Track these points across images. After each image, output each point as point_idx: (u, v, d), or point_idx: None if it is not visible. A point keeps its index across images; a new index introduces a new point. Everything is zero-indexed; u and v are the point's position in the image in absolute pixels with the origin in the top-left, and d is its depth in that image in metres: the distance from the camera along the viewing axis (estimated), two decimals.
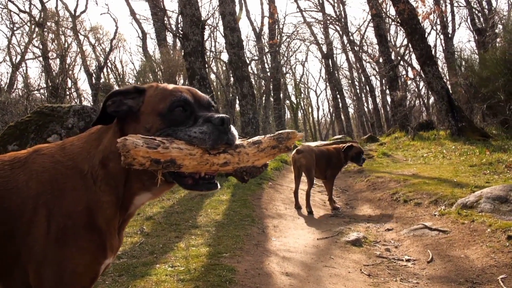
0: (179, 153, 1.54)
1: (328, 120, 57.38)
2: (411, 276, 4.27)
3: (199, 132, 1.60)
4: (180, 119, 1.68)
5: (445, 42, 28.34)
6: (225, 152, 1.63)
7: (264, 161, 1.79)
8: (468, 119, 14.65)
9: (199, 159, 1.57)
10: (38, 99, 24.16)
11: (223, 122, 1.61)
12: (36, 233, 1.62)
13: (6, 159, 1.78)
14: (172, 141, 1.57)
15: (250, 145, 1.73)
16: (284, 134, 1.81)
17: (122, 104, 1.76)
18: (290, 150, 1.84)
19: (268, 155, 1.77)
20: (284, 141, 1.80)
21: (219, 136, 1.60)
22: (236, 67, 14.37)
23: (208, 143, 1.58)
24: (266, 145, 1.75)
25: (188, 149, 1.56)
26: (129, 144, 1.46)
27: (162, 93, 1.75)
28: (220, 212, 6.54)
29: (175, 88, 1.77)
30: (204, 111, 1.73)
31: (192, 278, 3.72)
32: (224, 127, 1.61)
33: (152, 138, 1.54)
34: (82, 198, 1.66)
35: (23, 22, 31.94)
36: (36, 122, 10.05)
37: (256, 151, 1.72)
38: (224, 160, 1.62)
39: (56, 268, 1.61)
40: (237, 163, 1.67)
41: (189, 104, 1.71)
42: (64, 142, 1.84)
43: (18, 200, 1.65)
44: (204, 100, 1.79)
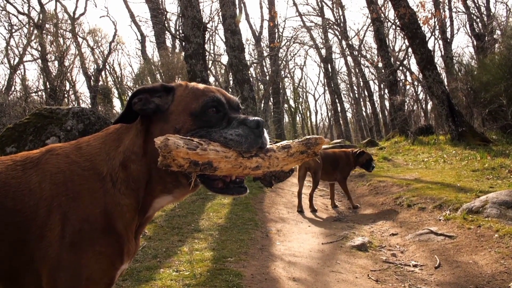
0: (216, 155, 1.50)
1: (327, 124, 57.48)
2: (420, 282, 4.20)
3: (235, 134, 1.56)
4: (214, 120, 1.64)
5: (444, 47, 28.39)
6: (257, 156, 1.60)
7: (291, 166, 1.76)
8: (468, 124, 14.63)
9: (233, 162, 1.54)
10: (36, 101, 24.09)
11: (259, 125, 1.58)
12: (51, 236, 1.55)
13: (18, 159, 1.71)
14: (208, 142, 1.52)
15: (280, 149, 1.70)
16: (312, 140, 1.80)
17: (149, 102, 1.69)
18: (317, 155, 1.81)
19: (297, 160, 1.75)
20: (313, 146, 1.78)
21: (254, 140, 1.57)
22: (236, 70, 14.31)
23: (244, 146, 1.55)
24: (295, 150, 1.73)
25: (224, 151, 1.53)
26: (171, 144, 1.42)
27: (194, 92, 1.70)
28: (222, 215, 6.46)
29: (206, 88, 1.73)
30: (235, 112, 1.71)
31: (198, 283, 3.64)
32: (259, 130, 1.59)
33: (190, 139, 1.49)
34: (100, 201, 1.59)
35: (22, 24, 31.90)
36: (35, 124, 9.96)
37: (286, 155, 1.70)
38: (256, 164, 1.59)
39: (71, 273, 1.54)
40: (268, 167, 1.64)
41: (222, 105, 1.67)
42: (79, 142, 1.77)
43: (31, 202, 1.59)
44: (234, 102, 1.76)
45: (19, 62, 31.39)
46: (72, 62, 31.70)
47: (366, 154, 8.38)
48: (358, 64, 34.84)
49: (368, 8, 21.30)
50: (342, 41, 34.85)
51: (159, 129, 1.65)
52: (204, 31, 11.45)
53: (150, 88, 1.72)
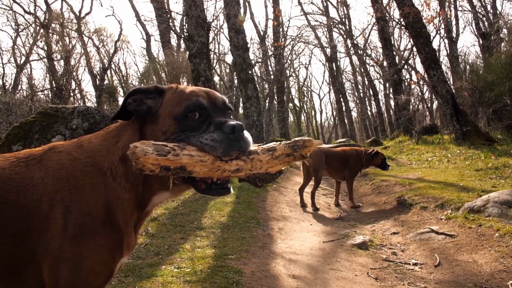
0: (190, 160, 1.53)
1: (331, 123, 57.42)
2: (419, 280, 4.23)
3: (210, 139, 1.59)
4: (194, 124, 1.67)
5: (450, 46, 28.31)
6: (238, 159, 1.62)
7: (278, 168, 1.75)
8: (473, 123, 14.59)
9: (210, 165, 1.57)
10: (42, 100, 24.26)
11: (234, 130, 1.59)
12: (53, 229, 1.61)
13: (21, 156, 1.77)
14: (183, 147, 1.56)
15: (265, 152, 1.70)
16: (300, 142, 1.77)
17: (143, 103, 1.76)
18: (306, 158, 1.79)
19: (283, 163, 1.74)
20: (299, 149, 1.76)
21: (229, 144, 1.59)
22: (240, 69, 14.36)
23: (219, 151, 1.57)
24: (280, 153, 1.72)
25: (199, 155, 1.56)
26: (139, 151, 1.47)
27: (180, 96, 1.74)
28: (225, 214, 6.51)
29: (192, 91, 1.76)
30: (220, 115, 1.72)
31: (199, 279, 3.69)
32: (235, 135, 1.60)
33: (164, 144, 1.53)
34: (102, 195, 1.65)
35: (28, 23, 32.12)
36: (41, 122, 10.06)
37: (270, 158, 1.70)
38: (236, 167, 1.61)
39: (72, 265, 1.60)
40: (250, 170, 1.65)
41: (203, 108, 1.70)
42: (80, 140, 1.83)
43: (34, 196, 1.65)
44: (220, 103, 1.78)
45: (26, 61, 31.63)
46: (77, 61, 31.94)
47: (381, 154, 8.48)
48: (363, 63, 34.79)
49: (373, 7, 21.26)
50: (347, 40, 34.80)
51: (150, 130, 1.72)
52: (208, 30, 11.50)
53: (144, 90, 1.78)
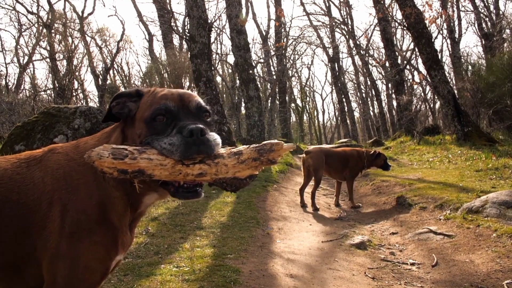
0: (149, 163, 1.54)
1: (334, 123, 57.35)
2: (416, 280, 4.26)
3: (168, 143, 1.59)
4: (161, 127, 1.68)
5: (452, 47, 28.26)
6: (202, 163, 1.59)
7: (247, 173, 1.68)
8: (474, 124, 14.59)
9: (170, 169, 1.57)
10: (45, 100, 24.33)
11: (192, 134, 1.58)
12: (51, 227, 1.68)
13: (23, 157, 1.85)
14: (143, 151, 1.57)
15: (231, 155, 1.65)
16: (267, 146, 1.68)
17: (125, 107, 1.82)
18: (274, 163, 1.68)
19: (250, 167, 1.66)
20: (266, 153, 1.66)
21: (187, 148, 1.57)
22: (242, 69, 14.41)
23: (176, 155, 1.57)
24: (246, 157, 1.65)
25: (159, 159, 1.56)
26: (94, 155, 1.50)
27: (151, 100, 1.76)
28: (225, 213, 6.55)
29: (163, 95, 1.76)
30: (190, 118, 1.71)
31: (197, 278, 3.74)
32: (194, 139, 1.58)
33: (124, 148, 1.56)
34: (95, 193, 1.71)
35: (31, 23, 32.26)
36: (43, 122, 10.13)
37: (236, 162, 1.64)
38: (199, 171, 1.59)
39: (69, 262, 1.65)
40: (215, 174, 1.61)
41: (170, 112, 1.70)
42: (78, 141, 1.91)
43: (34, 195, 1.71)
44: (193, 106, 1.76)
45: (28, 61, 31.73)
46: (80, 61, 32.02)
47: (383, 155, 8.56)
48: (365, 64, 34.78)
49: (375, 8, 21.28)
50: (350, 40, 34.80)
51: (130, 132, 1.77)
52: (210, 31, 11.54)
53: (127, 93, 1.84)
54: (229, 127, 11.49)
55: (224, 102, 26.60)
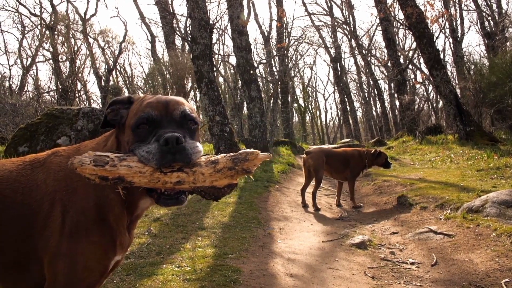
0: (128, 170, 1.58)
1: (336, 123, 57.32)
2: (415, 279, 4.30)
3: (145, 151, 1.62)
4: (143, 135, 1.70)
5: (454, 46, 28.22)
6: (180, 171, 1.60)
7: (224, 182, 1.66)
8: (476, 124, 14.59)
9: (149, 177, 1.59)
10: (48, 102, 24.44)
11: (167, 142, 1.60)
12: (52, 227, 1.74)
13: (27, 160, 1.93)
14: (124, 158, 1.61)
15: (208, 164, 1.64)
16: (242, 155, 1.65)
17: (118, 114, 1.87)
18: (250, 173, 1.65)
19: (226, 177, 1.64)
20: (241, 162, 1.63)
21: (162, 156, 1.59)
22: (243, 70, 14.45)
23: (152, 163, 1.59)
24: (222, 166, 1.63)
25: (138, 167, 1.59)
26: (76, 162, 1.56)
27: (137, 108, 1.79)
28: (226, 214, 6.60)
29: (148, 103, 1.78)
30: (173, 126, 1.72)
31: (198, 278, 3.79)
32: (169, 147, 1.59)
33: (106, 155, 1.60)
34: (92, 195, 1.76)
35: (34, 25, 32.35)
36: (46, 124, 10.21)
37: (213, 171, 1.63)
38: (177, 179, 1.60)
39: (69, 261, 1.71)
40: (193, 183, 1.62)
41: (152, 121, 1.72)
42: (80, 145, 1.98)
43: (37, 196, 1.79)
44: (176, 114, 1.76)
45: (32, 63, 31.84)
46: (83, 62, 32.11)
47: (384, 153, 8.63)
48: (367, 64, 34.77)
49: (376, 8, 21.29)
50: (352, 40, 34.80)
51: (122, 138, 1.82)
52: (211, 32, 11.60)
53: (120, 100, 1.89)
54: (231, 127, 11.54)
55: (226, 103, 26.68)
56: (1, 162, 1.94)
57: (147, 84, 26.54)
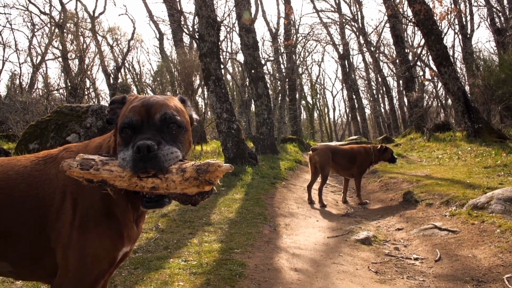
0: (110, 175, 1.65)
1: (344, 120, 57.17)
2: (418, 274, 4.35)
3: (121, 158, 1.67)
4: (127, 139, 1.74)
5: (464, 42, 28.00)
6: (155, 177, 1.63)
7: (194, 191, 1.64)
8: (485, 121, 14.53)
9: (128, 181, 1.65)
10: (57, 99, 24.71)
11: (139, 150, 1.61)
12: (64, 219, 1.84)
13: (41, 156, 2.04)
14: (106, 162, 1.69)
15: (178, 172, 1.64)
16: (204, 166, 1.61)
17: (115, 113, 1.93)
18: (213, 184, 1.61)
19: (193, 186, 1.62)
20: (203, 173, 1.60)
21: (135, 163, 1.62)
22: (251, 67, 14.51)
23: (127, 169, 1.64)
24: (189, 175, 1.62)
25: (118, 171, 1.66)
26: (65, 166, 1.66)
27: (125, 111, 1.83)
28: (233, 210, 6.68)
29: (132, 107, 1.79)
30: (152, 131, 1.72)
31: (204, 271, 3.87)
32: (140, 155, 1.61)
33: (92, 158, 1.69)
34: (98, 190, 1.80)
35: (44, 23, 32.72)
36: (56, 121, 10.36)
37: (181, 179, 1.62)
38: (152, 185, 1.64)
39: (79, 251, 1.80)
40: (167, 189, 1.64)
41: (132, 126, 1.73)
42: (90, 141, 2.07)
43: (50, 190, 1.89)
44: (157, 119, 1.75)
45: (41, 60, 32.20)
46: (92, 60, 32.39)
47: (390, 149, 8.78)
48: (375, 61, 34.62)
49: (384, 4, 21.21)
50: (360, 37, 34.66)
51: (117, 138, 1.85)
52: (219, 30, 11.65)
53: (116, 100, 1.96)
54: (238, 125, 11.60)
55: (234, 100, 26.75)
56: (16, 158, 2.04)
57: (155, 81, 26.65)
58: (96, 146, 1.99)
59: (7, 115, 17.56)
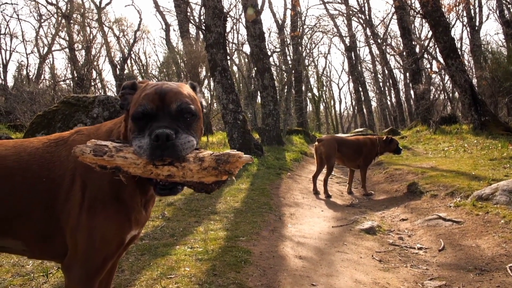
0: (124, 161, 1.66)
1: (351, 113, 56.99)
2: (421, 263, 4.39)
3: (138, 146, 1.68)
4: (141, 126, 1.74)
5: (471, 35, 27.76)
6: (171, 165, 1.65)
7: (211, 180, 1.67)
8: (491, 113, 14.46)
9: (142, 168, 1.66)
10: (64, 90, 24.82)
11: (158, 138, 1.62)
12: (73, 201, 1.88)
13: (52, 138, 2.07)
14: (120, 149, 1.69)
15: (196, 161, 1.66)
16: (224, 156, 1.65)
17: (126, 99, 1.93)
18: (232, 175, 1.65)
19: (211, 175, 1.66)
20: (223, 164, 1.63)
21: (152, 152, 1.63)
22: (257, 59, 14.50)
23: (143, 157, 1.65)
24: (207, 165, 1.65)
25: (133, 158, 1.67)
26: (77, 151, 1.67)
27: (138, 97, 1.83)
28: (239, 199, 6.73)
29: (146, 94, 1.79)
30: (168, 120, 1.73)
31: (210, 258, 3.93)
32: (159, 143, 1.62)
33: (105, 145, 1.69)
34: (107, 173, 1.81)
35: (50, 14, 32.82)
36: (63, 111, 10.44)
37: (199, 168, 1.65)
38: (168, 173, 1.66)
39: (87, 233, 1.85)
40: (183, 177, 1.66)
41: (147, 114, 1.74)
42: (101, 125, 2.11)
43: (60, 172, 1.93)
44: (173, 108, 1.76)
45: (48, 51, 32.32)
46: (98, 51, 32.50)
47: (395, 140, 8.80)
48: (382, 53, 34.41)
49: None
50: (367, 29, 34.44)
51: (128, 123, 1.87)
52: (225, 20, 11.65)
53: (127, 85, 1.95)
54: (244, 116, 11.63)
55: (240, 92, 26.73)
56: (29, 140, 2.08)
57: (161, 72, 26.70)
58: (106, 131, 2.02)
59: (15, 105, 17.69)
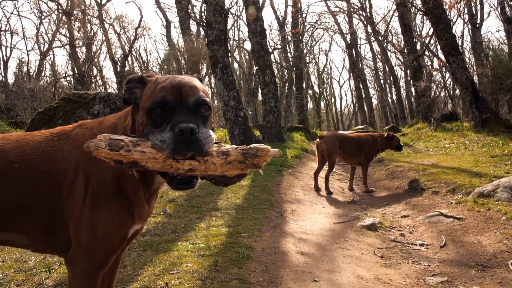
0: (142, 156, 1.63)
1: (351, 110, 56.98)
2: (423, 259, 4.40)
3: (159, 140, 1.64)
4: (158, 120, 1.71)
5: (473, 32, 27.71)
6: (192, 159, 1.64)
7: (235, 173, 1.69)
8: (493, 111, 14.45)
9: (162, 163, 1.63)
10: (65, 86, 24.83)
11: (182, 133, 1.61)
12: (76, 195, 1.87)
13: (55, 132, 2.06)
14: (138, 143, 1.65)
15: (219, 155, 1.66)
16: (252, 150, 1.67)
17: (132, 93, 1.89)
18: (259, 168, 1.68)
19: (236, 169, 1.67)
20: (251, 157, 1.65)
21: (176, 146, 1.61)
22: (258, 55, 14.49)
23: (166, 151, 1.62)
24: (233, 158, 1.66)
25: (151, 153, 1.63)
26: (92, 145, 1.61)
27: (152, 90, 1.80)
28: (240, 196, 6.74)
29: (162, 87, 1.77)
30: (186, 113, 1.72)
31: (212, 254, 3.94)
32: (183, 138, 1.61)
33: (120, 139, 1.64)
34: (110, 167, 1.78)
35: (51, 10, 32.75)
36: (64, 108, 10.43)
37: (223, 162, 1.66)
38: (189, 167, 1.64)
39: (90, 227, 1.85)
40: (204, 171, 1.65)
41: (167, 106, 1.72)
42: (104, 118, 2.09)
43: (63, 165, 1.92)
44: (191, 101, 1.75)
45: (49, 48, 32.27)
46: (99, 48, 32.46)
47: (396, 137, 8.86)
48: (383, 50, 34.37)
49: None
50: (368, 26, 34.39)
51: (136, 117, 1.85)
52: (226, 17, 11.65)
53: (133, 79, 1.91)
54: (245, 112, 11.64)
55: (241, 88, 26.72)
56: (32, 133, 2.07)
57: (162, 69, 26.68)
58: (111, 125, 2.00)
59: (15, 102, 17.69)
